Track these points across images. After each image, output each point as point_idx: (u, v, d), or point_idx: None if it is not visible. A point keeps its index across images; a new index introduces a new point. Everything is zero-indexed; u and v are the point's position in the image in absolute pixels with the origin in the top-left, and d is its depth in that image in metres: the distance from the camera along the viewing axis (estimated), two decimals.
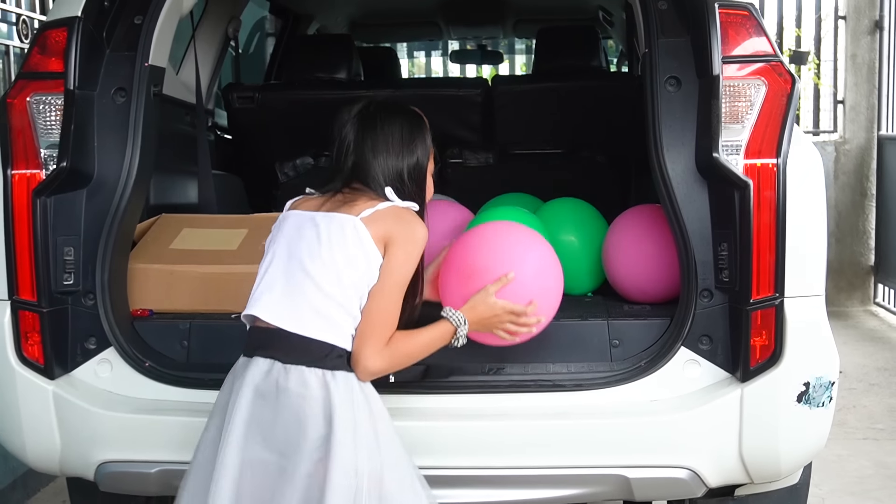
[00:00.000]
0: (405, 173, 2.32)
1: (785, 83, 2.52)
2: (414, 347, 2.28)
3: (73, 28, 2.64)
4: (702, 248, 2.54)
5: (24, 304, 2.63)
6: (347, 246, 2.19)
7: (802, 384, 2.48)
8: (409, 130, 2.35)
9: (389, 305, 2.22)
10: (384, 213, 2.23)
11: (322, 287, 2.17)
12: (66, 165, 2.61)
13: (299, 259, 2.21)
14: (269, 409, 2.16)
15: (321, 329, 2.17)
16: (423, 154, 2.37)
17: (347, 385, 2.18)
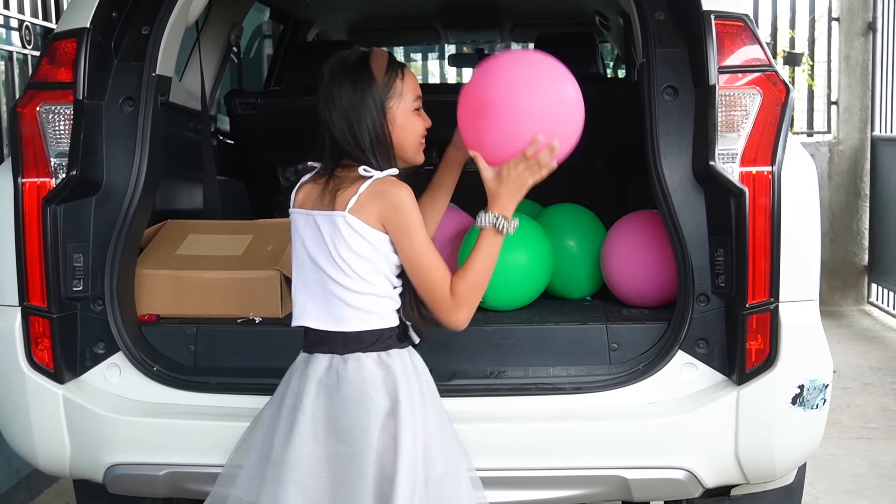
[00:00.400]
0: (367, 137, 2.24)
1: (780, 92, 2.58)
2: (479, 277, 2.25)
3: (83, 39, 2.69)
4: (698, 254, 2.59)
5: (35, 309, 2.69)
6: (350, 242, 2.21)
7: (797, 387, 2.54)
8: (353, 87, 2.24)
9: (427, 267, 2.22)
10: (365, 196, 2.19)
11: (347, 286, 2.22)
12: (75, 174, 2.66)
13: (318, 264, 2.25)
14: (334, 402, 2.23)
15: (364, 321, 2.24)
16: (375, 107, 2.24)
17: (402, 360, 2.26)
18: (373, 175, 2.21)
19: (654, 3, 2.73)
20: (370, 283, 2.23)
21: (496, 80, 2.27)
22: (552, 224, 3.17)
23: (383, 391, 2.21)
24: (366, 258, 2.22)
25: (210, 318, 2.91)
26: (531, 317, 2.89)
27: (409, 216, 2.20)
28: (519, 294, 2.96)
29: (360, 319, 2.24)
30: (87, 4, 2.75)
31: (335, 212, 2.21)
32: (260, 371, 2.74)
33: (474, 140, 2.29)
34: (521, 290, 2.95)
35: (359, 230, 2.20)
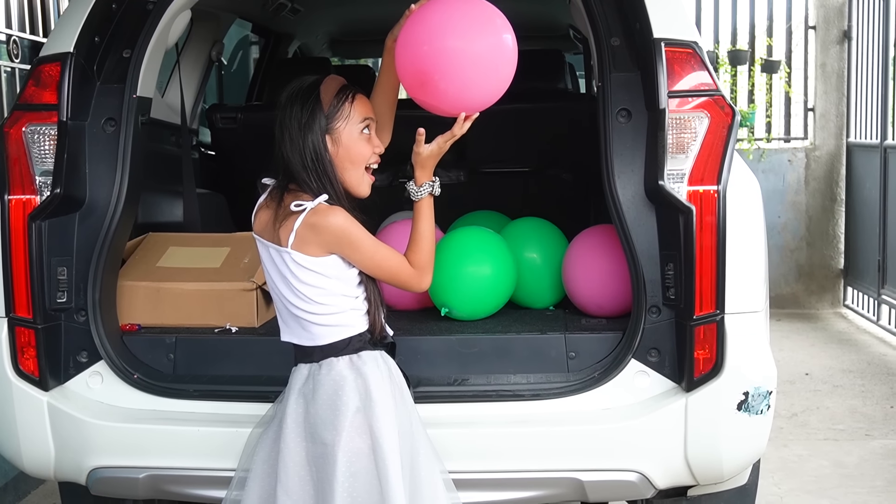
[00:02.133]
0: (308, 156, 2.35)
1: (726, 115, 2.72)
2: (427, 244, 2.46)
3: (66, 63, 2.82)
4: (650, 268, 2.73)
5: (21, 321, 2.82)
6: (298, 275, 2.35)
7: (742, 393, 2.68)
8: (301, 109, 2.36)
9: (383, 263, 2.41)
10: (303, 231, 2.30)
11: (307, 310, 2.38)
12: (59, 192, 2.79)
13: (280, 291, 2.41)
14: (310, 407, 2.37)
15: (334, 333, 2.39)
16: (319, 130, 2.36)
17: (374, 362, 2.41)
18: (304, 207, 2.31)
19: (609, 29, 2.86)
20: (327, 304, 2.37)
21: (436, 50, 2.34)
22: (516, 236, 3.31)
23: (354, 392, 2.35)
24: (317, 286, 2.35)
25: (189, 327, 3.04)
26: (494, 326, 3.02)
27: (350, 235, 2.34)
28: (484, 305, 3.10)
29: (329, 333, 2.39)
30: (71, 29, 2.87)
31: (281, 248, 2.35)
32: (236, 378, 2.88)
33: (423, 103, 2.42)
34: (486, 301, 3.09)
35: (304, 264, 2.34)
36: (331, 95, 2.38)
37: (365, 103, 2.45)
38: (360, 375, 2.37)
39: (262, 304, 3.07)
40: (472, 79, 2.36)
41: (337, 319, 2.39)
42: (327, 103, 2.37)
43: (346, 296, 2.39)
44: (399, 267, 2.43)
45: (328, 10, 4.99)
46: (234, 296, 3.04)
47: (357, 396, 2.35)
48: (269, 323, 3.10)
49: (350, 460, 2.32)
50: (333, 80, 2.42)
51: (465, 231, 3.21)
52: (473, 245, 3.11)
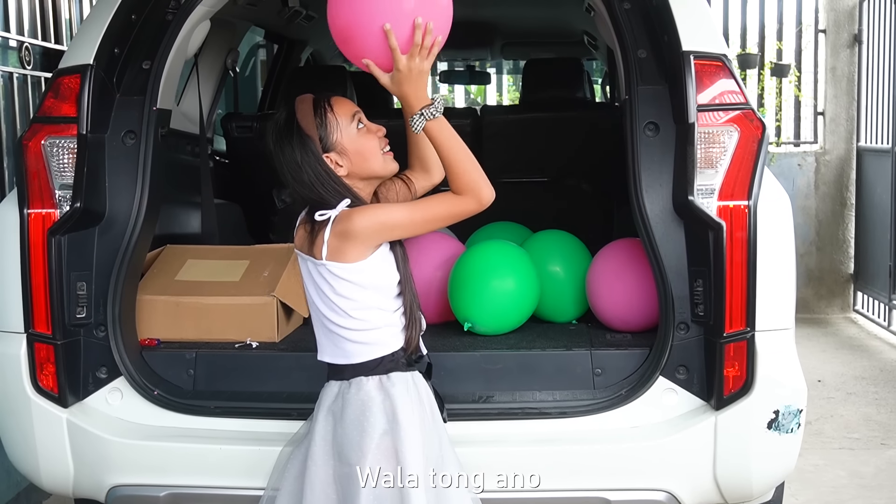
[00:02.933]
0: (316, 185, 2.32)
1: (756, 129, 2.69)
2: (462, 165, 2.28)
3: (86, 75, 2.79)
4: (678, 284, 2.70)
5: (40, 336, 2.79)
6: (335, 287, 2.31)
7: (772, 412, 2.65)
8: (291, 146, 2.33)
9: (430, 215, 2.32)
10: (334, 242, 2.27)
11: (343, 325, 2.33)
12: (79, 206, 2.76)
13: (317, 306, 2.37)
14: (338, 426, 2.34)
15: (367, 352, 2.35)
16: (314, 156, 2.32)
17: (404, 384, 2.36)
18: (328, 217, 2.28)
19: (636, 41, 2.83)
20: (363, 320, 2.33)
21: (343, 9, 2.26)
22: (539, 250, 3.27)
23: (381, 413, 2.31)
24: (352, 299, 2.31)
25: (209, 342, 3.01)
26: (518, 342, 2.99)
27: (384, 222, 2.30)
28: (507, 320, 3.06)
29: (363, 351, 2.35)
30: (91, 41, 2.84)
31: (317, 260, 2.31)
32: (257, 395, 2.85)
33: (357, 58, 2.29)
34: (509, 315, 3.06)
35: (340, 274, 2.29)
36: (310, 117, 2.35)
37: (343, 102, 2.41)
38: (389, 397, 2.33)
39: (283, 318, 3.04)
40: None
41: (371, 336, 2.35)
42: (311, 126, 2.33)
43: (382, 309, 2.35)
44: (450, 204, 2.31)
45: None
46: (254, 310, 3.01)
47: (384, 419, 2.31)
48: (289, 338, 3.07)
49: (374, 483, 2.28)
50: (304, 102, 2.38)
51: (488, 245, 3.17)
52: (497, 259, 3.08)
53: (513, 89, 11.10)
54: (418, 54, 2.22)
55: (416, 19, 2.18)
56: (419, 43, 2.21)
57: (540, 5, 4.62)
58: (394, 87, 2.28)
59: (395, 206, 2.38)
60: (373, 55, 2.24)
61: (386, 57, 2.23)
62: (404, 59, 2.22)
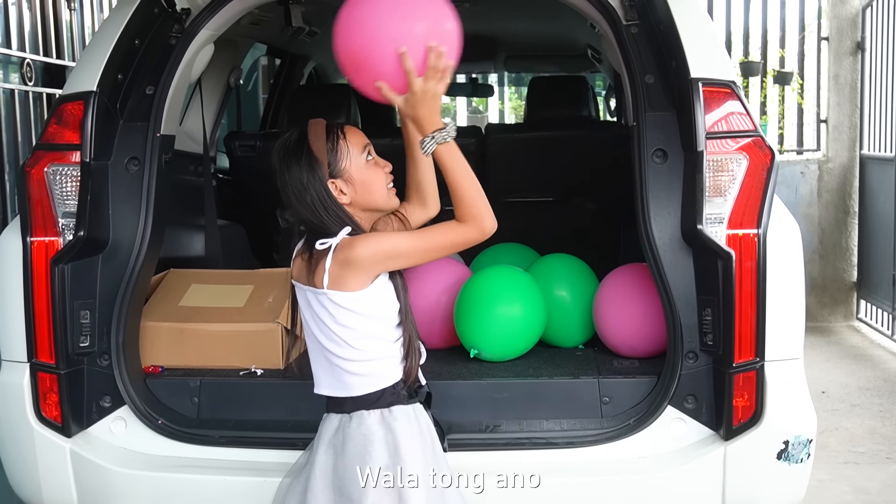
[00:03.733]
0: (318, 209, 2.29)
1: (765, 156, 2.66)
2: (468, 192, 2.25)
3: (90, 102, 2.77)
4: (687, 313, 2.68)
5: (43, 366, 2.76)
6: (336, 316, 2.28)
7: (782, 442, 2.63)
8: (298, 167, 2.30)
9: (433, 243, 2.30)
10: (335, 269, 2.25)
11: (344, 357, 2.30)
12: (83, 234, 2.73)
13: (316, 337, 2.33)
14: (339, 460, 2.31)
15: (367, 384, 2.32)
16: (319, 180, 2.30)
17: (406, 418, 2.33)
18: (328, 245, 2.25)
19: (643, 66, 2.80)
20: (364, 350, 2.30)
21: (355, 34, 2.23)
22: (546, 274, 3.25)
23: (384, 448, 2.29)
24: (353, 328, 2.28)
25: (213, 369, 2.98)
26: (525, 369, 2.96)
27: (386, 250, 2.27)
28: (514, 347, 3.04)
29: (363, 383, 2.32)
30: (94, 67, 2.82)
31: (317, 290, 2.28)
32: (262, 424, 2.82)
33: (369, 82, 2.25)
34: (516, 342, 3.04)
35: (341, 303, 2.26)
36: (322, 140, 2.32)
37: (356, 132, 2.40)
38: (391, 432, 2.30)
39: (288, 345, 3.01)
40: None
41: (371, 368, 2.32)
42: (322, 151, 2.31)
43: (383, 339, 2.32)
44: (452, 233, 2.28)
45: None
46: (258, 337, 2.98)
47: (386, 453, 2.28)
48: (294, 365, 3.04)
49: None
50: (317, 126, 2.36)
51: (494, 270, 3.15)
52: (504, 285, 3.06)
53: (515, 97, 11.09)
54: (433, 77, 2.20)
55: (430, 43, 2.16)
56: (434, 66, 2.18)
57: (544, 19, 4.59)
58: (408, 109, 2.25)
59: (397, 235, 2.36)
60: (387, 78, 2.22)
61: (400, 80, 2.20)
62: (420, 82, 2.19)
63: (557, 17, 4.17)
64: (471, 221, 2.27)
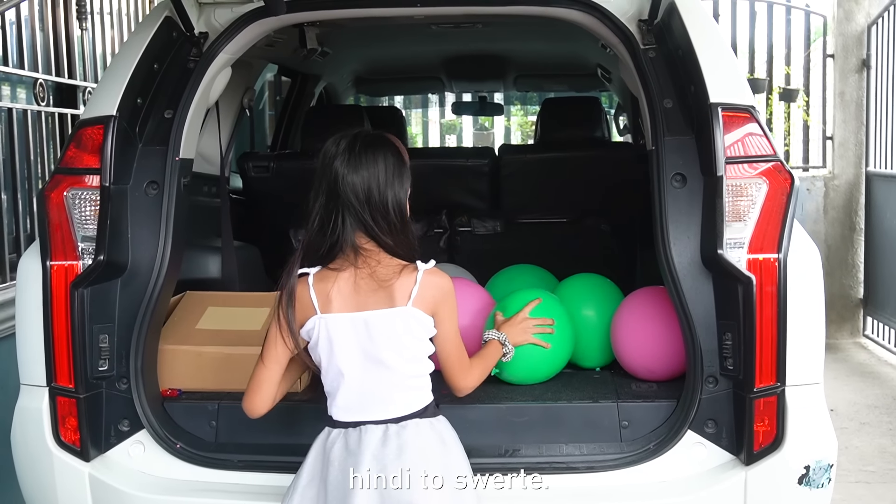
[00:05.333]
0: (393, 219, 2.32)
1: (785, 181, 2.66)
2: (485, 368, 2.64)
3: (109, 126, 2.77)
4: (707, 337, 2.67)
5: (62, 390, 2.76)
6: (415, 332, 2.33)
7: (803, 467, 2.62)
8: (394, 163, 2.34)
9: (459, 346, 2.47)
10: (424, 287, 2.32)
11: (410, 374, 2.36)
12: (102, 258, 2.73)
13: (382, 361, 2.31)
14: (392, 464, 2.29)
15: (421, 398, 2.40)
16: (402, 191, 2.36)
17: (446, 423, 2.45)
18: (421, 267, 2.34)
19: (661, 90, 2.81)
20: (427, 362, 2.41)
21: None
22: (569, 294, 3.23)
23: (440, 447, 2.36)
24: (424, 341, 2.37)
25: (231, 392, 2.97)
26: (543, 393, 2.95)
27: (455, 301, 2.42)
28: (538, 372, 3.02)
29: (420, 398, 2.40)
30: (114, 92, 2.82)
31: (398, 308, 2.30)
32: (281, 448, 2.81)
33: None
34: (540, 370, 3.02)
35: (420, 320, 2.33)
36: (406, 153, 2.39)
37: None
38: (441, 435, 2.39)
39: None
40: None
41: (427, 382, 2.43)
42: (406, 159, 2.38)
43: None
44: (463, 359, 2.51)
45: (356, 50, 4.96)
46: None
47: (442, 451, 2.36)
48: (311, 388, 3.04)
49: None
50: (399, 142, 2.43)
51: (526, 294, 3.11)
52: (536, 312, 3.01)
53: (521, 114, 11.11)
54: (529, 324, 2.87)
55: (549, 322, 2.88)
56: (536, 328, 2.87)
57: (555, 39, 4.61)
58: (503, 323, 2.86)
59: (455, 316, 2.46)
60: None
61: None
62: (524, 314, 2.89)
63: (569, 37, 4.19)
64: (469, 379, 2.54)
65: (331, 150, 2.33)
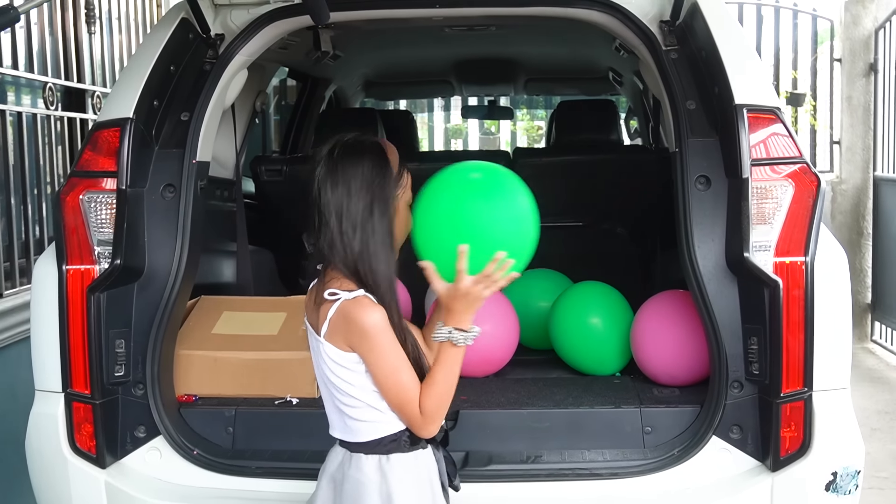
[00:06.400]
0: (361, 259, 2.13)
1: (811, 183, 2.63)
2: (442, 390, 2.15)
3: (126, 128, 2.74)
4: (732, 342, 2.63)
5: (78, 396, 2.72)
6: (331, 367, 2.17)
7: (830, 474, 2.59)
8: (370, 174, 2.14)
9: (397, 387, 2.14)
10: (335, 321, 2.12)
11: (346, 403, 2.20)
12: (119, 262, 2.70)
13: (323, 379, 2.24)
14: (338, 496, 2.25)
15: (371, 430, 2.21)
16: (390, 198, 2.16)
17: (403, 466, 2.22)
18: (339, 297, 2.11)
19: (685, 92, 2.78)
20: (360, 399, 2.18)
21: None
22: (580, 302, 3.21)
23: (376, 496, 2.20)
24: (347, 381, 2.17)
25: (247, 398, 2.94)
26: (565, 398, 2.92)
27: (376, 340, 2.10)
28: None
29: (368, 429, 2.21)
30: (130, 94, 2.79)
31: (317, 337, 2.17)
32: (299, 454, 2.78)
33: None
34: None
35: (333, 357, 2.15)
36: (396, 160, 2.21)
37: (407, 172, 2.28)
38: (385, 480, 2.20)
39: None
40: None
41: (371, 416, 2.20)
42: (395, 166, 2.20)
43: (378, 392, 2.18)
44: (409, 399, 2.15)
45: (366, 54, 4.93)
46: (293, 365, 2.94)
47: (378, 501, 2.19)
48: None
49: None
50: (393, 148, 2.25)
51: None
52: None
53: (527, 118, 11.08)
54: (483, 282, 2.10)
55: (498, 254, 2.07)
56: (488, 274, 2.09)
57: (566, 43, 4.58)
58: (444, 296, 2.14)
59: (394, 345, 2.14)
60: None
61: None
62: (468, 281, 2.09)
63: (581, 40, 4.17)
64: (425, 416, 2.15)
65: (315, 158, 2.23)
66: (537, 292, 3.49)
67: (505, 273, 2.10)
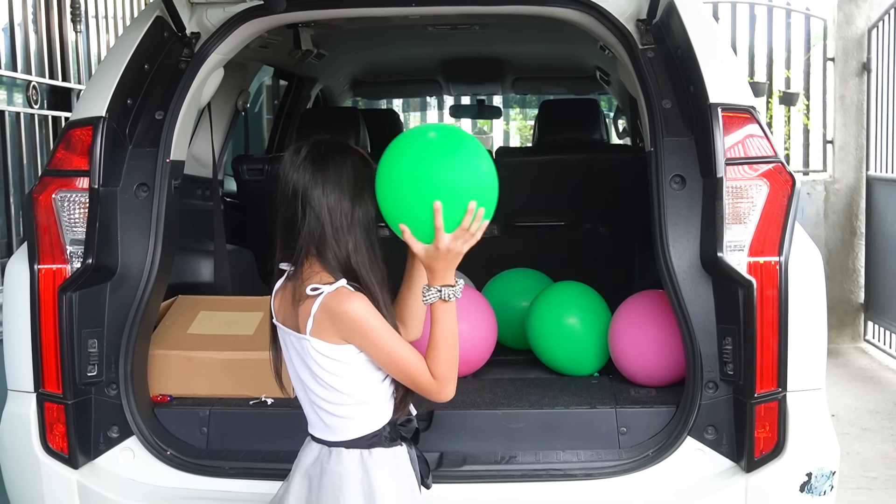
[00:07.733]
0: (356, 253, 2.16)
1: (786, 183, 2.62)
2: (448, 349, 2.17)
3: (99, 127, 2.72)
4: (706, 342, 2.62)
5: (50, 396, 2.71)
6: (320, 363, 2.17)
7: (805, 474, 2.57)
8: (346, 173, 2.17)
9: (401, 363, 2.16)
10: (320, 316, 2.12)
11: (330, 401, 2.20)
12: (91, 262, 2.68)
13: (302, 380, 2.24)
14: (314, 492, 2.24)
15: (352, 428, 2.22)
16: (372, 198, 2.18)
17: (385, 462, 2.24)
18: (321, 291, 2.12)
19: (660, 91, 2.76)
20: (350, 394, 2.19)
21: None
22: (557, 302, 3.20)
23: (358, 490, 2.20)
24: (339, 375, 2.17)
25: (222, 398, 2.92)
26: (541, 399, 2.91)
27: (366, 325, 2.12)
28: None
29: (348, 426, 2.22)
30: (103, 92, 2.78)
31: (300, 335, 2.17)
32: (273, 455, 2.76)
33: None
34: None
35: (324, 352, 2.15)
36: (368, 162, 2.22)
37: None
38: (368, 474, 2.21)
39: None
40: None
41: (357, 411, 2.21)
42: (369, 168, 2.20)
43: (369, 381, 2.20)
44: (418, 370, 2.16)
45: (352, 53, 4.92)
46: (268, 365, 2.89)
47: (361, 496, 2.20)
48: None
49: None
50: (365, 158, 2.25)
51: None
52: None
53: (519, 118, 11.08)
54: (462, 237, 2.11)
55: (471, 203, 2.08)
56: (466, 227, 2.10)
57: (553, 42, 4.56)
58: (425, 258, 2.14)
59: (383, 325, 2.15)
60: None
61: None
62: (447, 239, 2.10)
63: (567, 39, 4.15)
64: (439, 380, 2.17)
65: (292, 159, 2.21)
66: (517, 291, 3.47)
67: (480, 223, 2.12)
